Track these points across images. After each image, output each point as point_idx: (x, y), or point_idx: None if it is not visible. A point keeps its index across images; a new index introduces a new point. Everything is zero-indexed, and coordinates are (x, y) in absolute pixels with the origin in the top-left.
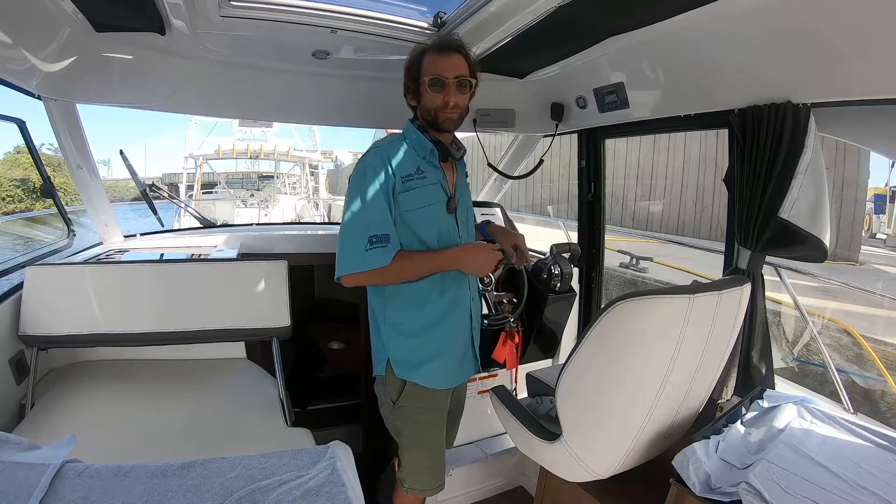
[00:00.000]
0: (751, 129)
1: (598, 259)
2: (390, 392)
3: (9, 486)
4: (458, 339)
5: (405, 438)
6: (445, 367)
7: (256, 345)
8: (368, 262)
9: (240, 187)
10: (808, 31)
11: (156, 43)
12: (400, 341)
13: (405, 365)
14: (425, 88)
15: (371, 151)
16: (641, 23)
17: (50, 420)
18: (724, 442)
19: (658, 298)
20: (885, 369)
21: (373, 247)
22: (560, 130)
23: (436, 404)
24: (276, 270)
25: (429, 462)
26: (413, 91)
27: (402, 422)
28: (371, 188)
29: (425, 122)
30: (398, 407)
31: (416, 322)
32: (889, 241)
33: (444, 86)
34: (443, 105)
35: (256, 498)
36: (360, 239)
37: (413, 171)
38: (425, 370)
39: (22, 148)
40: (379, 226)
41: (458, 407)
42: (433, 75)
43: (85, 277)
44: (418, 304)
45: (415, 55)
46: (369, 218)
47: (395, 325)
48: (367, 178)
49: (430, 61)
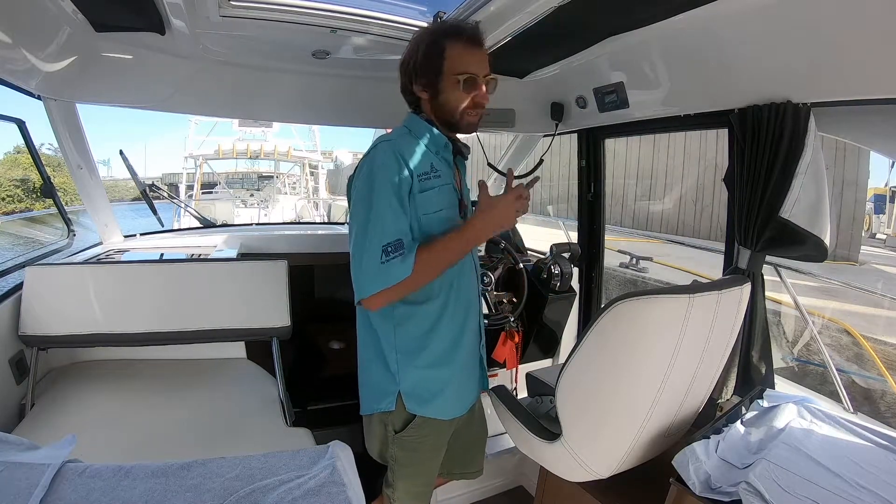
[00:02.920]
0: (751, 129)
1: (597, 259)
2: (393, 422)
3: (9, 486)
4: (472, 361)
5: (403, 467)
6: (459, 394)
7: (256, 345)
8: (388, 277)
9: (240, 187)
10: (808, 30)
11: (156, 43)
12: (414, 372)
13: (418, 399)
14: (452, 85)
15: (380, 147)
16: (641, 23)
17: (50, 420)
18: (724, 442)
19: (658, 298)
20: (885, 369)
21: (389, 258)
22: (560, 130)
23: (443, 433)
24: (275, 270)
25: (422, 488)
26: (428, 84)
27: (401, 450)
28: (379, 191)
29: (439, 121)
30: (401, 437)
31: (431, 348)
32: (889, 241)
33: (476, 85)
34: (471, 105)
35: (256, 498)
36: (374, 253)
37: (428, 169)
38: (440, 401)
39: (22, 148)
40: (391, 232)
41: (482, 431)
42: (466, 73)
43: (85, 277)
44: (430, 328)
45: (431, 42)
46: (381, 226)
47: (408, 353)
48: (377, 179)
49: (458, 54)
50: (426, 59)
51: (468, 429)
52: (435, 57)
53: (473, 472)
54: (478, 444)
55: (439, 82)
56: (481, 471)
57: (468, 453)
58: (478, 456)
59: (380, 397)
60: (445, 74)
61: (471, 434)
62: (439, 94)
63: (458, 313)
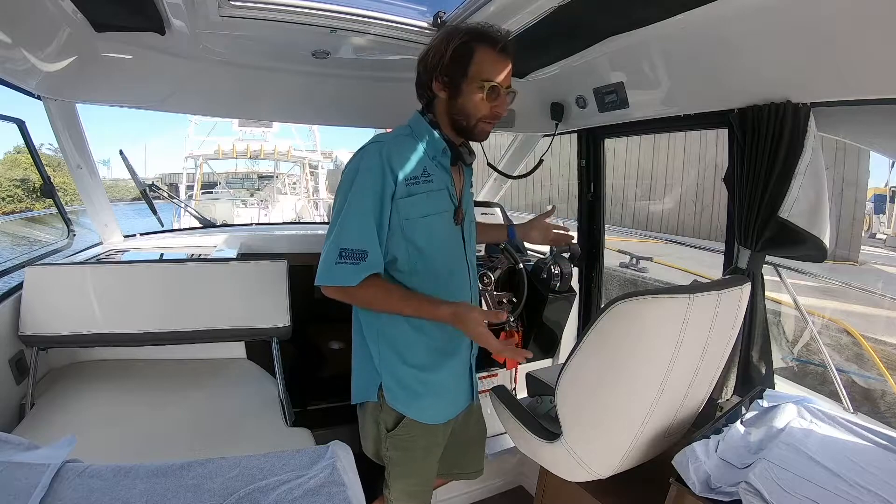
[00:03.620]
0: (750, 129)
1: (597, 259)
2: (385, 420)
3: (8, 486)
4: (461, 369)
5: (397, 466)
6: (444, 401)
7: (256, 345)
8: (334, 276)
9: (240, 187)
10: (807, 30)
11: (156, 43)
12: (397, 368)
13: (398, 397)
14: (475, 89)
15: (370, 147)
16: (641, 23)
17: (50, 420)
18: (723, 441)
19: (658, 298)
20: (884, 369)
21: (342, 261)
22: (560, 130)
23: (434, 434)
24: (275, 270)
25: (419, 487)
26: (450, 83)
27: (394, 449)
28: (358, 194)
29: (450, 122)
30: (393, 435)
31: (417, 348)
32: (889, 241)
33: (498, 95)
34: (489, 115)
35: (256, 498)
36: (332, 249)
37: (419, 174)
38: (424, 405)
39: (22, 148)
40: (355, 239)
41: (481, 431)
42: (492, 81)
43: (85, 277)
44: (416, 327)
45: (462, 43)
46: (345, 228)
47: (391, 347)
48: (357, 181)
49: (488, 61)
50: (454, 58)
51: (465, 429)
52: (464, 58)
53: (473, 473)
54: (476, 443)
55: (462, 84)
56: (481, 470)
57: (467, 453)
58: (477, 456)
59: (366, 387)
60: (470, 78)
61: (468, 434)
62: (459, 95)
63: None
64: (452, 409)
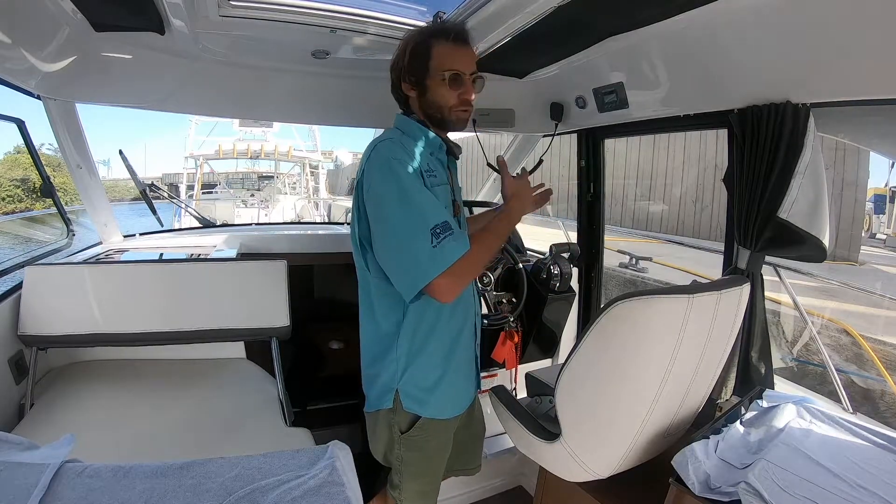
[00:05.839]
0: (750, 129)
1: (597, 259)
2: (399, 423)
3: (8, 486)
4: (468, 362)
5: (410, 467)
6: (456, 393)
7: (256, 345)
8: (444, 258)
9: (240, 187)
10: (807, 30)
11: (155, 43)
12: (414, 371)
13: (415, 398)
14: (438, 82)
15: (386, 144)
16: (641, 23)
17: (49, 420)
18: (723, 442)
19: (657, 298)
20: (884, 369)
21: (440, 240)
22: (560, 130)
23: (447, 431)
24: (275, 270)
25: (430, 486)
26: (415, 83)
27: (408, 450)
28: (406, 179)
29: (428, 118)
30: (407, 437)
31: (430, 349)
32: (889, 241)
33: (462, 82)
34: (458, 103)
35: (256, 498)
36: (422, 240)
37: (426, 169)
38: (438, 401)
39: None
40: (435, 215)
41: (480, 428)
42: (451, 70)
43: (84, 277)
44: (430, 329)
45: (418, 42)
46: (422, 209)
47: (409, 352)
48: (397, 174)
49: (444, 53)
50: (413, 58)
51: (466, 426)
52: (422, 55)
53: (473, 469)
54: (476, 440)
55: (426, 80)
56: (479, 466)
57: (467, 450)
58: (477, 452)
59: (380, 395)
60: (432, 72)
61: (469, 431)
62: (427, 91)
63: (458, 314)
64: (465, 400)
